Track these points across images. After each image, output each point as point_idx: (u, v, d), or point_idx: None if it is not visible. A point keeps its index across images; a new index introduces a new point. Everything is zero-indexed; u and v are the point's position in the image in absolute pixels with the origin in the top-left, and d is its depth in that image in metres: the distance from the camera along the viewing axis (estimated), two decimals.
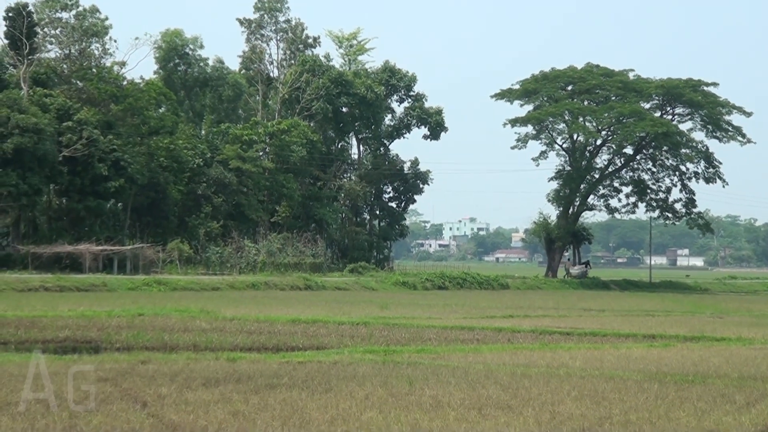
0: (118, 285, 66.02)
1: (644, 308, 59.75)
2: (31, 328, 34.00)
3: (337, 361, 24.73)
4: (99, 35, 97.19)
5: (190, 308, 44.96)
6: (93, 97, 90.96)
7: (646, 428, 15.55)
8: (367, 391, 19.03)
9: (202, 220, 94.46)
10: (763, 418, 16.91)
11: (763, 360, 27.05)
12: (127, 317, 39.47)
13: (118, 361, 23.81)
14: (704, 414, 17.08)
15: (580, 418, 16.33)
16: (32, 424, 14.89)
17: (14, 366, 22.42)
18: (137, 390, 18.70)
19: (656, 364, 25.54)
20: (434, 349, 28.83)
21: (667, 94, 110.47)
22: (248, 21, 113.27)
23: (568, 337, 35.21)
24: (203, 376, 20.92)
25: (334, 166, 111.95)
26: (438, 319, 43.28)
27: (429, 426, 15.30)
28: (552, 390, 19.73)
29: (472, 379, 21.33)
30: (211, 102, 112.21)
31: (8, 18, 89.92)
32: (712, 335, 36.73)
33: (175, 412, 16.19)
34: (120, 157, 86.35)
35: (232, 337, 32.15)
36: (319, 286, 77.85)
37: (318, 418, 15.86)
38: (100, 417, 15.58)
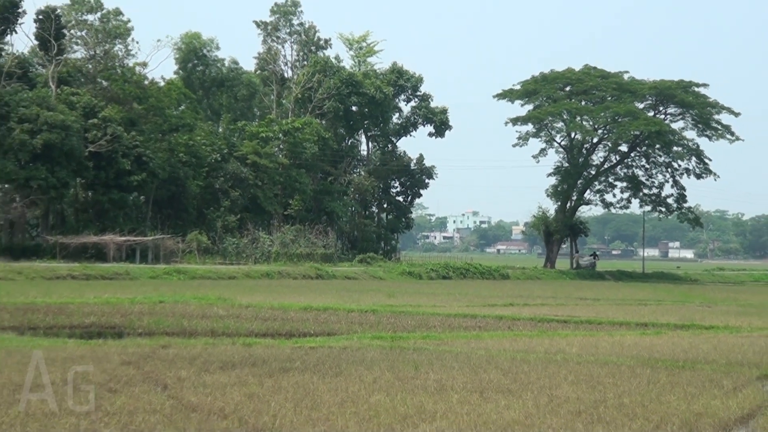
0: (140, 274, 66.09)
1: (637, 298, 59.71)
2: (59, 314, 34.06)
3: (346, 346, 24.76)
4: (122, 37, 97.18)
5: (208, 296, 45.00)
6: (117, 96, 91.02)
7: (638, 411, 15.56)
8: (375, 375, 19.06)
9: (220, 212, 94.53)
10: (749, 402, 16.92)
11: (750, 347, 27.04)
12: (148, 304, 39.54)
13: (140, 346, 23.86)
14: (693, 398, 17.09)
15: (576, 402, 16.36)
16: (60, 403, 14.92)
17: (43, 350, 22.43)
18: (158, 373, 18.75)
19: (648, 350, 25.55)
20: (438, 336, 28.85)
21: (659, 94, 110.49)
22: (264, 24, 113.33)
23: (565, 325, 35.22)
24: (220, 360, 20.97)
25: (344, 162, 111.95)
26: (442, 307, 43.31)
27: (433, 408, 15.32)
28: (550, 375, 19.76)
29: (475, 364, 21.35)
30: (228, 101, 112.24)
31: (38, 20, 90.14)
32: (701, 323, 36.72)
33: (193, 394, 16.24)
34: (142, 152, 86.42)
35: (247, 323, 32.18)
36: (329, 276, 77.89)
37: (329, 400, 15.90)
38: (123, 398, 15.63)
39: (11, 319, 31.38)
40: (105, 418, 13.84)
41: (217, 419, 14.06)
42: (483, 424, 14.05)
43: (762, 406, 16.63)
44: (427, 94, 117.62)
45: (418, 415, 14.71)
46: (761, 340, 29.62)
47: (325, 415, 14.44)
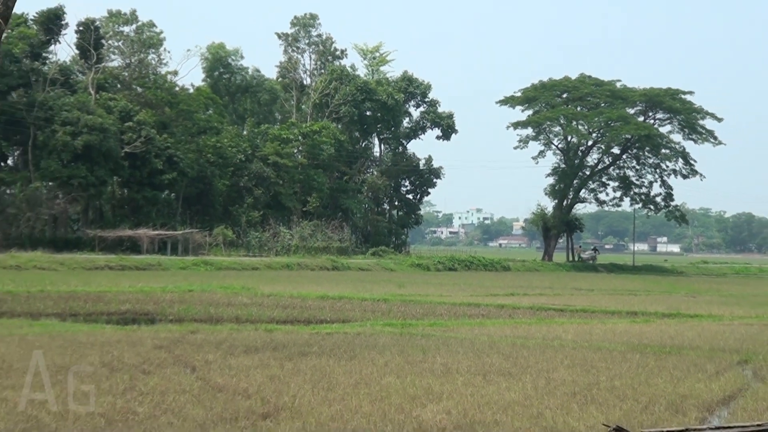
0: (171, 265, 66.22)
1: (628, 288, 59.63)
2: (97, 301, 34.19)
3: (360, 332, 24.78)
4: (155, 47, 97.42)
5: (233, 285, 45.06)
6: (150, 101, 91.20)
7: (628, 393, 15.54)
8: (386, 358, 19.08)
9: (244, 208, 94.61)
10: (731, 385, 16.91)
11: (731, 334, 27.00)
12: (178, 293, 39.63)
13: (171, 331, 23.93)
14: (679, 381, 17.08)
15: (572, 384, 16.35)
16: (98, 384, 14.96)
17: (83, 334, 22.55)
18: (187, 356, 18.79)
19: (638, 337, 25.52)
20: (445, 323, 28.85)
21: (649, 101, 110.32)
22: (285, 35, 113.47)
23: (562, 313, 35.23)
24: (244, 344, 21.00)
25: (358, 162, 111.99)
26: (448, 296, 43.34)
27: (440, 389, 15.33)
28: (547, 359, 19.76)
29: (478, 349, 21.36)
30: (251, 106, 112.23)
31: (79, 31, 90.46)
32: (687, 312, 36.70)
33: (220, 376, 16.27)
34: (173, 153, 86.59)
35: (269, 311, 32.24)
36: (344, 267, 77.91)
37: (344, 381, 15.91)
38: (156, 379, 15.67)
39: (54, 306, 31.52)
40: (139, 398, 13.88)
41: (242, 399, 14.09)
42: (486, 404, 14.05)
43: (742, 389, 16.61)
44: (434, 100, 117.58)
45: (426, 396, 14.72)
46: (741, 328, 29.59)
47: (341, 396, 14.46)
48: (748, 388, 16.73)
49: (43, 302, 32.89)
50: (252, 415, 12.78)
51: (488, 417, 13.05)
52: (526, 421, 12.89)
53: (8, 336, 21.45)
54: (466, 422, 12.67)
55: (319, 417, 12.71)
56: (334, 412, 13.05)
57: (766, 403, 14.98)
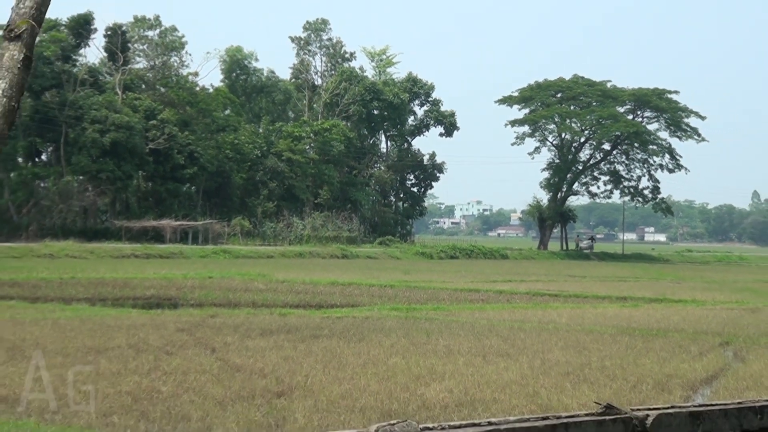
0: (192, 253, 66.35)
1: (618, 275, 59.64)
2: (124, 287, 34.29)
3: (368, 316, 24.82)
4: (177, 50, 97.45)
5: (250, 272, 45.12)
6: (172, 101, 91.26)
7: (618, 373, 15.57)
8: (392, 340, 19.11)
9: (260, 200, 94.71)
10: (713, 366, 16.93)
11: (713, 318, 27.01)
12: (199, 279, 39.70)
13: (192, 315, 23.99)
14: (665, 362, 17.09)
15: (565, 364, 16.38)
16: (125, 364, 15.02)
17: (111, 318, 22.62)
18: (207, 338, 18.84)
19: (627, 320, 25.55)
20: (447, 308, 28.91)
21: (637, 100, 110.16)
22: (298, 39, 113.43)
23: (556, 298, 35.21)
24: (260, 327, 21.05)
25: (366, 157, 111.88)
26: (450, 282, 43.35)
27: (443, 369, 15.36)
28: (542, 341, 19.78)
29: (478, 331, 21.39)
30: (266, 105, 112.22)
31: (107, 35, 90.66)
32: (672, 297, 36.68)
33: (237, 356, 16.31)
34: (194, 149, 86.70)
35: (283, 296, 32.28)
36: (353, 256, 77.98)
37: (353, 362, 15.95)
38: (178, 360, 15.72)
39: (85, 292, 31.63)
40: (163, 377, 13.94)
41: (258, 378, 14.13)
42: (485, 383, 14.08)
43: (724, 369, 16.62)
44: (437, 99, 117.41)
45: (429, 375, 14.75)
46: (723, 312, 29.57)
47: (350, 375, 14.50)
48: (729, 369, 16.75)
49: (74, 288, 33.00)
50: (267, 394, 12.81)
51: (487, 395, 13.08)
52: (523, 399, 12.91)
53: (42, 319, 21.54)
54: (467, 400, 12.69)
55: (330, 395, 12.74)
56: (343, 391, 13.08)
57: (745, 382, 14.99)
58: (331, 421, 10.98)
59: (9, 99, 4.88)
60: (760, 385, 14.58)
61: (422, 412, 11.63)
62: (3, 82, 4.88)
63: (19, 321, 20.99)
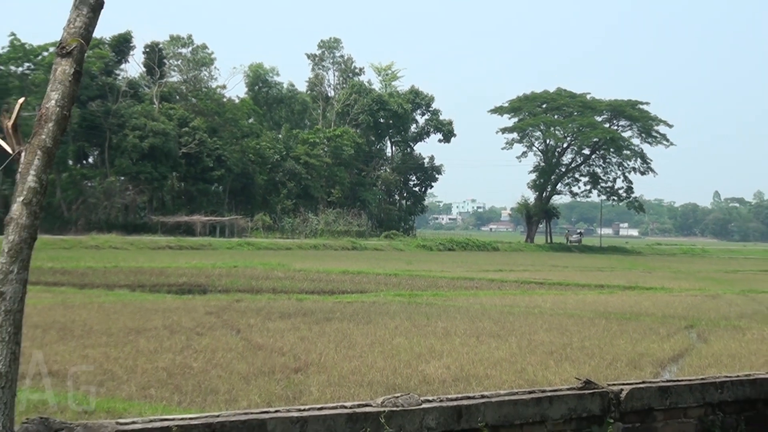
0: (219, 245, 66.39)
1: (596, 265, 59.58)
2: (159, 275, 34.32)
3: (375, 301, 24.83)
4: (207, 65, 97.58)
5: (270, 262, 45.17)
6: (203, 110, 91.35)
7: (596, 351, 15.57)
8: (396, 323, 19.12)
9: (279, 199, 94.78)
10: (679, 346, 16.92)
11: (680, 304, 26.99)
12: (225, 268, 39.73)
13: (220, 300, 24.03)
14: (637, 342, 17.09)
15: (549, 344, 16.38)
16: (161, 343, 15.04)
17: (149, 302, 22.65)
18: (233, 320, 18.87)
19: (604, 305, 25.53)
20: (445, 294, 28.90)
21: (613, 110, 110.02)
22: (313, 56, 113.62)
23: (541, 286, 35.20)
24: (280, 311, 21.07)
25: (373, 161, 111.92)
26: (448, 272, 43.37)
27: (441, 348, 15.37)
28: (529, 324, 19.78)
29: (472, 315, 21.39)
30: (285, 114, 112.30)
31: (145, 52, 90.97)
32: (644, 285, 36.67)
33: (260, 337, 16.34)
34: (221, 153, 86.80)
35: (299, 283, 32.31)
36: (362, 248, 77.97)
37: (361, 341, 15.96)
38: (207, 339, 15.75)
39: (126, 279, 31.68)
40: (194, 355, 13.96)
41: (278, 356, 14.14)
42: (479, 360, 14.09)
43: (688, 349, 16.61)
44: (437, 109, 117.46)
45: (429, 353, 14.76)
46: (688, 299, 29.56)
47: (359, 353, 14.51)
48: (693, 348, 16.74)
49: (116, 276, 33.07)
50: (286, 369, 12.83)
51: (481, 371, 13.09)
52: (512, 374, 12.92)
53: (89, 303, 21.59)
54: (463, 375, 12.70)
55: (341, 371, 12.76)
56: (353, 367, 13.10)
57: (707, 360, 14.99)
58: (342, 393, 11.00)
59: (61, 108, 4.89)
60: (720, 363, 14.58)
61: (423, 386, 11.65)
62: (56, 93, 4.90)
63: (69, 305, 21.04)
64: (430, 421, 6.96)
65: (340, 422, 6.56)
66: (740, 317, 23.10)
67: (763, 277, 49.59)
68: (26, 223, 4.67)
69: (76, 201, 79.72)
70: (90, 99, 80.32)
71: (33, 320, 16.73)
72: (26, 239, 4.67)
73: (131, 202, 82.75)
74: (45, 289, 25.45)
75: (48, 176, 4.82)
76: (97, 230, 70.68)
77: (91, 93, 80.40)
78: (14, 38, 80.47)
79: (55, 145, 4.85)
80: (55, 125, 4.85)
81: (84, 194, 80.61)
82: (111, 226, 75.03)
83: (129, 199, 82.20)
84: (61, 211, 77.36)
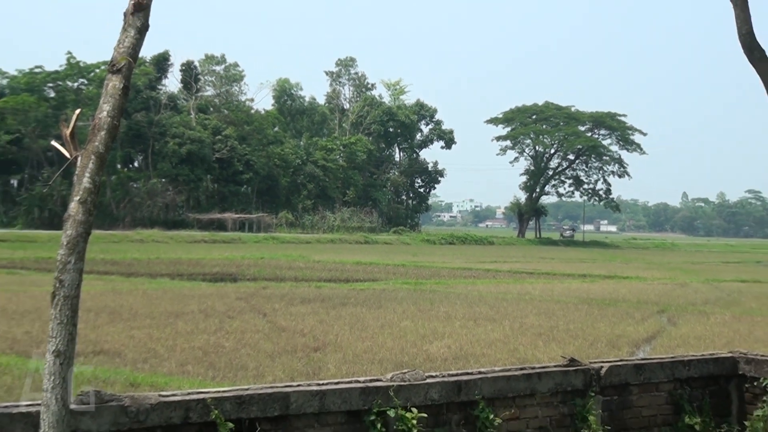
0: (248, 239, 66.56)
1: (579, 258, 59.46)
2: (195, 266, 34.45)
3: (384, 288, 24.86)
4: (238, 81, 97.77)
5: (292, 254, 45.25)
6: (234, 121, 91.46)
7: (579, 333, 15.56)
8: (403, 308, 19.14)
9: (300, 198, 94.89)
10: (652, 328, 16.89)
11: (653, 291, 26.94)
12: (253, 260, 39.84)
13: (248, 287, 24.08)
14: (615, 325, 17.07)
15: (538, 327, 16.37)
16: (197, 325, 15.09)
17: (186, 289, 22.73)
18: (260, 305, 18.92)
19: (586, 293, 25.50)
20: (446, 282, 28.90)
21: (595, 121, 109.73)
22: (331, 73, 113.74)
23: (531, 275, 35.16)
24: (301, 297, 21.12)
25: (383, 165, 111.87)
26: (449, 263, 43.38)
27: (443, 330, 15.39)
28: (520, 309, 19.78)
29: (470, 301, 21.40)
30: (307, 124, 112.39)
31: (183, 69, 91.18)
32: (621, 275, 36.59)
33: (283, 320, 16.38)
34: (250, 158, 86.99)
35: (318, 272, 32.37)
36: (373, 242, 78.03)
37: (372, 324, 15.99)
38: (237, 322, 15.80)
39: (166, 269, 31.81)
40: (226, 335, 14.02)
41: (299, 336, 14.18)
42: (476, 341, 14.10)
43: (660, 331, 16.59)
44: (439, 120, 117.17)
45: (432, 335, 14.78)
46: (660, 287, 29.51)
47: (370, 335, 14.54)
48: (664, 331, 16.71)
49: (158, 266, 33.20)
50: (306, 349, 12.86)
51: (478, 350, 13.10)
52: (506, 353, 12.92)
53: (135, 290, 21.68)
54: (462, 354, 12.72)
55: (355, 350, 12.78)
56: (365, 347, 13.12)
57: (676, 341, 14.97)
58: (356, 370, 11.02)
59: (112, 118, 4.92)
60: (687, 343, 14.56)
61: (427, 364, 11.66)
62: (107, 105, 4.93)
63: (118, 291, 21.14)
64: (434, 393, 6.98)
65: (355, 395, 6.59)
66: (705, 303, 23.05)
67: (725, 267, 49.48)
68: (82, 219, 4.71)
69: (123, 200, 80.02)
70: (135, 111, 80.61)
71: (86, 305, 16.80)
72: (82, 233, 4.70)
73: (171, 201, 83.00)
74: (97, 277, 25.57)
75: (100, 178, 4.86)
76: (141, 226, 70.95)
77: (137, 105, 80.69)
78: (71, 57, 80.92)
79: (106, 151, 4.88)
80: (106, 133, 4.88)
81: (130, 194, 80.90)
82: (153, 222, 75.31)
83: (169, 198, 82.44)
84: (110, 209, 77.64)
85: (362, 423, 6.62)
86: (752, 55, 8.03)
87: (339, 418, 6.53)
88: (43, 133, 75.03)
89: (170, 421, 5.78)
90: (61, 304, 4.59)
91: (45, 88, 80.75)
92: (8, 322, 14.80)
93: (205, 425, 5.92)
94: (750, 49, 8.02)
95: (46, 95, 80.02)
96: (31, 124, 76.47)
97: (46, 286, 20.77)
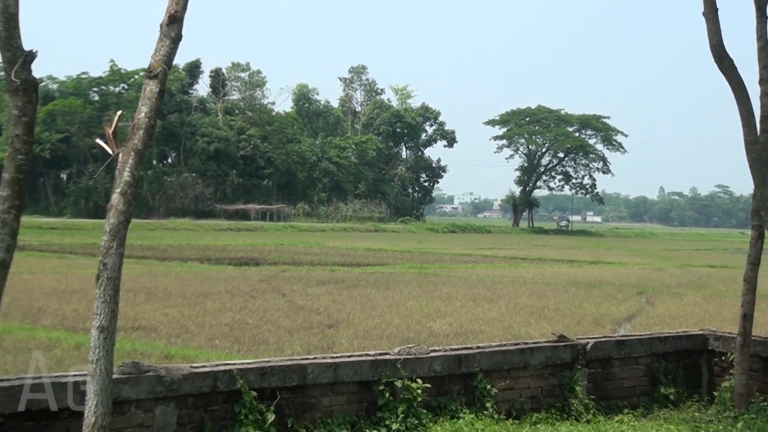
0: (269, 228, 66.64)
1: (567, 245, 59.29)
2: (221, 251, 34.55)
3: (392, 272, 24.89)
4: (260, 86, 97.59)
5: (309, 241, 45.35)
6: (257, 122, 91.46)
7: (567, 312, 15.56)
8: (409, 289, 19.17)
9: (316, 191, 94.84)
10: (632, 308, 16.87)
11: (633, 275, 26.89)
12: (274, 246, 39.95)
13: (269, 270, 24.14)
14: (599, 305, 17.06)
15: (531, 306, 16.38)
16: (223, 304, 15.13)
17: (214, 272, 22.81)
18: (280, 286, 18.97)
19: (574, 276, 25.48)
20: (448, 266, 28.91)
21: (582, 123, 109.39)
22: (344, 79, 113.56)
23: (524, 261, 35.14)
24: (317, 279, 21.17)
25: (391, 162, 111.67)
26: (450, 249, 43.37)
27: (445, 309, 15.41)
28: (515, 290, 19.78)
29: (470, 283, 21.41)
30: (322, 125, 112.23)
31: (212, 76, 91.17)
32: (605, 260, 36.53)
33: (301, 299, 16.42)
34: (271, 155, 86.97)
35: (332, 257, 32.43)
36: (382, 230, 77.96)
37: (381, 304, 16.02)
38: (259, 301, 15.85)
39: (196, 254, 31.90)
40: (249, 313, 14.07)
41: (315, 314, 14.23)
42: (475, 319, 14.12)
43: (639, 311, 16.57)
44: (443, 121, 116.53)
45: (435, 313, 14.81)
46: (639, 271, 29.45)
47: (380, 313, 14.57)
48: (643, 310, 16.70)
49: (189, 251, 33.31)
50: (321, 326, 12.91)
51: (476, 328, 13.12)
52: (501, 330, 12.94)
53: (168, 273, 21.76)
54: (462, 331, 12.74)
55: (366, 327, 12.82)
56: (375, 324, 13.16)
57: (653, 320, 14.96)
58: (366, 344, 11.06)
59: (149, 119, 4.95)
60: (663, 322, 14.54)
61: (430, 339, 11.69)
62: (145, 107, 4.96)
63: (153, 273, 21.23)
64: (437, 366, 7.01)
65: (365, 367, 6.62)
66: (679, 286, 23.00)
67: (696, 254, 49.31)
68: (123, 209, 4.74)
69: (158, 192, 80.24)
70: (170, 112, 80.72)
71: (126, 286, 16.83)
72: (123, 222, 4.73)
73: (200, 194, 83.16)
74: (135, 261, 25.67)
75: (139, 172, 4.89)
76: (174, 216, 71.18)
77: (171, 108, 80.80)
78: (113, 64, 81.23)
79: (144, 148, 4.91)
80: (144, 132, 4.91)
81: (164, 187, 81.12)
82: (185, 212, 75.48)
83: (199, 191, 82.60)
84: (147, 200, 77.90)
85: (372, 392, 6.65)
86: (722, 64, 8.03)
87: (351, 387, 6.56)
88: (88, 133, 75.48)
89: (200, 390, 5.83)
90: (105, 285, 4.63)
91: (90, 92, 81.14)
92: (58, 300, 14.90)
93: (231, 393, 5.97)
94: (720, 59, 8.02)
95: (91, 98, 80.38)
96: (77, 124, 76.95)
97: (91, 268, 20.89)
